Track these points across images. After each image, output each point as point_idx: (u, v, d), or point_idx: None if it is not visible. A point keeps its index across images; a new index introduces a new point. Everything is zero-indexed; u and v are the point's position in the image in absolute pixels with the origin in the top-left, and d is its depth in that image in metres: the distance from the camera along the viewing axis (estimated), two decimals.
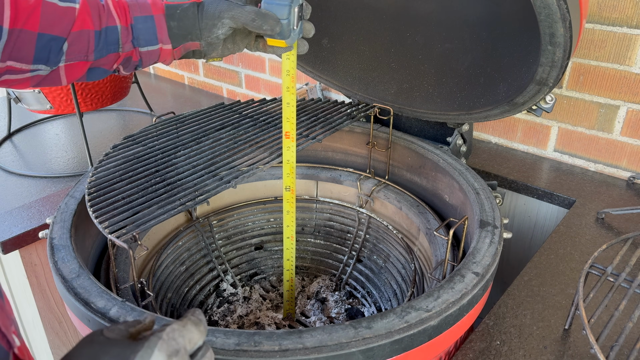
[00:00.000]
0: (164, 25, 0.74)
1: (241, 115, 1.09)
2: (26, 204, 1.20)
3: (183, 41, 0.75)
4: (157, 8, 0.74)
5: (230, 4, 0.73)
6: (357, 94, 1.22)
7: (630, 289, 0.76)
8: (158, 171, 0.88)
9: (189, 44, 0.76)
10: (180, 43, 0.75)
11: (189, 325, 0.44)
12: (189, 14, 0.74)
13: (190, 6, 0.74)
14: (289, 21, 0.74)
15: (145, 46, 0.74)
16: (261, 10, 0.73)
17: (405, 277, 1.10)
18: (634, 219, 1.07)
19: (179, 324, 0.44)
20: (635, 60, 1.13)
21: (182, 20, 0.74)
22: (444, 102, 1.09)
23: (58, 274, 0.75)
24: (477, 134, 1.45)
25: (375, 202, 1.20)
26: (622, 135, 1.21)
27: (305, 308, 1.17)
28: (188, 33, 0.74)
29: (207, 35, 0.74)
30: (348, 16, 1.20)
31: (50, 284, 1.23)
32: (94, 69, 0.73)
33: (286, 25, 0.74)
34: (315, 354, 0.62)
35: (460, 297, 0.70)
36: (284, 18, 0.73)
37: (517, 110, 0.94)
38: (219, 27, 0.74)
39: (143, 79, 2.18)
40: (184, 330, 0.43)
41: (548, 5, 0.70)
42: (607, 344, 0.73)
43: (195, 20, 0.74)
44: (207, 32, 0.74)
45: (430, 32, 1.10)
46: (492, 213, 0.88)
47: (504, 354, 0.75)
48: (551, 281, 0.90)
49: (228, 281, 1.21)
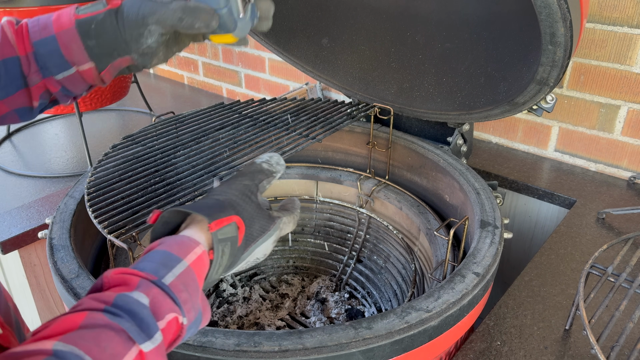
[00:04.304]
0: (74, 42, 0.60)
1: (241, 115, 1.09)
2: (25, 204, 1.19)
3: (110, 60, 0.62)
4: (60, 24, 0.61)
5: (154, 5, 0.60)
6: (357, 94, 1.22)
7: (630, 289, 0.76)
8: (157, 171, 0.87)
9: (118, 62, 0.63)
10: (107, 63, 0.62)
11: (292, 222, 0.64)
12: (107, 27, 0.60)
13: (106, 17, 0.60)
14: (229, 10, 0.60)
15: (59, 73, 0.62)
16: (189, 4, 0.59)
17: (405, 278, 1.10)
18: (635, 219, 1.06)
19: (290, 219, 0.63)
20: (636, 60, 1.13)
21: (100, 37, 0.61)
22: (445, 101, 1.09)
23: (57, 274, 0.75)
24: (478, 133, 1.45)
25: (376, 202, 1.20)
26: (623, 135, 1.21)
27: (305, 308, 1.16)
28: (112, 50, 0.62)
29: (136, 48, 0.61)
30: (348, 16, 1.20)
31: (49, 284, 1.23)
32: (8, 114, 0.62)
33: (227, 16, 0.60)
34: (315, 355, 0.62)
35: (461, 297, 0.70)
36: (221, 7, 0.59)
37: (518, 110, 0.94)
38: (146, 36, 0.61)
39: (142, 78, 2.18)
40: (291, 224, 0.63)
41: (548, 4, 0.70)
42: (607, 344, 0.73)
43: (117, 32, 0.60)
44: (134, 43, 0.61)
45: (431, 32, 1.10)
46: (492, 213, 0.88)
47: (504, 354, 0.75)
48: (552, 281, 0.89)
49: (228, 281, 1.21)
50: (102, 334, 0.39)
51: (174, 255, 0.49)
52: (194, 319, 0.49)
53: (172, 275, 0.47)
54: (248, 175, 0.62)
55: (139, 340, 0.41)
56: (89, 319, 0.40)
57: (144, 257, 0.49)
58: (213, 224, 0.52)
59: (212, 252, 0.52)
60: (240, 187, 0.59)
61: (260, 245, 0.59)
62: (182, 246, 0.50)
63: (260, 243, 0.58)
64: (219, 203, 0.56)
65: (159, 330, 0.43)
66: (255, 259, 0.60)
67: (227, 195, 0.57)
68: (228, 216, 0.54)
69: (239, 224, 0.55)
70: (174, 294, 0.46)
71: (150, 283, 0.45)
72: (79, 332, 0.39)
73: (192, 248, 0.51)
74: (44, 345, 0.37)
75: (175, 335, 0.46)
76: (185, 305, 0.47)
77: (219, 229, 0.52)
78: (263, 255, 0.60)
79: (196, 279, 0.50)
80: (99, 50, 0.61)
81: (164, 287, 0.46)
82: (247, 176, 0.62)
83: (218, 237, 0.52)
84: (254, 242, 0.57)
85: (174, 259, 0.49)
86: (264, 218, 0.59)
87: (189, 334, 0.49)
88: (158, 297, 0.45)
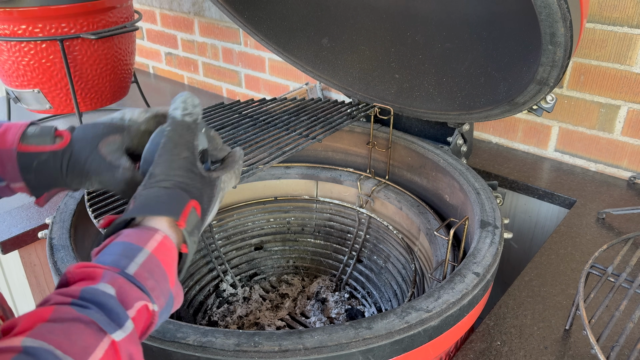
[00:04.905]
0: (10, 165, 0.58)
1: (241, 115, 1.09)
2: (25, 204, 1.19)
3: (45, 191, 0.61)
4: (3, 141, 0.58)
5: (101, 164, 0.58)
6: (357, 94, 1.22)
7: (630, 289, 0.76)
8: None
9: (55, 191, 0.62)
10: (43, 192, 0.61)
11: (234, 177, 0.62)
12: (49, 168, 0.59)
13: (50, 158, 0.58)
14: None
15: None
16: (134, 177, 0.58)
17: (405, 278, 1.10)
18: (635, 219, 1.06)
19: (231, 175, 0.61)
20: (636, 60, 1.13)
21: (40, 174, 0.59)
22: (445, 101, 1.09)
23: (57, 274, 0.75)
24: (478, 133, 1.45)
25: (376, 202, 1.20)
26: (623, 135, 1.21)
27: (305, 308, 1.16)
28: (50, 185, 0.60)
29: (75, 187, 0.61)
30: (348, 16, 1.20)
31: (49, 284, 1.23)
32: None
33: None
34: (315, 355, 0.61)
35: (461, 297, 0.70)
36: None
37: (518, 110, 0.94)
38: (87, 185, 0.60)
39: (143, 78, 2.18)
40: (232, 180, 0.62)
41: (549, 4, 0.70)
42: (607, 344, 0.73)
43: (58, 174, 0.59)
44: (75, 184, 0.60)
45: (431, 32, 1.10)
46: (492, 213, 0.88)
47: (504, 354, 0.75)
48: (552, 281, 0.89)
49: (228, 281, 1.21)
50: (71, 327, 0.39)
51: (134, 244, 0.48)
52: (165, 305, 0.49)
53: (135, 265, 0.46)
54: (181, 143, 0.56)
55: (109, 330, 0.41)
56: (57, 313, 0.40)
57: (104, 250, 0.48)
58: (180, 220, 0.51)
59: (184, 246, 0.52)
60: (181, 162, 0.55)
61: (211, 213, 0.58)
62: (141, 235, 0.49)
63: (210, 211, 0.57)
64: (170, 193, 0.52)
65: (130, 319, 0.43)
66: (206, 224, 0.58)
67: (173, 179, 0.53)
68: (186, 204, 0.52)
69: (196, 206, 0.54)
70: (139, 283, 0.45)
71: (114, 274, 0.45)
72: (47, 326, 0.38)
73: (151, 235, 0.49)
74: (13, 342, 0.36)
75: (148, 322, 0.46)
76: (153, 292, 0.47)
77: (186, 222, 0.52)
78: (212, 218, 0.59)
79: (161, 264, 0.49)
80: (36, 183, 0.60)
81: (129, 277, 0.45)
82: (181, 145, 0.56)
83: (188, 231, 0.52)
84: (206, 214, 0.56)
85: (134, 249, 0.48)
86: (208, 186, 0.57)
87: (161, 319, 0.49)
88: (124, 286, 0.44)
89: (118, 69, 1.43)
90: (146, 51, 2.25)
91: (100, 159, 0.58)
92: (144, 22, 2.16)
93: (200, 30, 1.95)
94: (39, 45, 1.27)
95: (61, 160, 0.58)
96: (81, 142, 0.59)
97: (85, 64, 1.33)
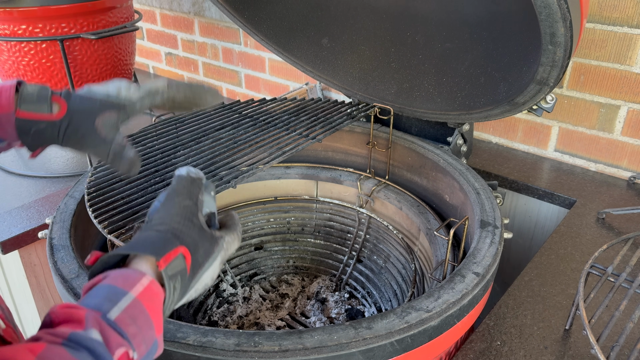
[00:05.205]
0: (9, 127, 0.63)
1: (241, 115, 1.09)
2: (25, 204, 1.19)
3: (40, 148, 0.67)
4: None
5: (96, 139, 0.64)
6: (357, 94, 1.22)
7: (630, 289, 0.76)
8: (158, 171, 0.87)
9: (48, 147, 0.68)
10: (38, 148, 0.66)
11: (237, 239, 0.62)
12: (47, 136, 0.64)
13: (48, 127, 0.63)
14: None
15: None
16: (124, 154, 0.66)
17: (405, 278, 1.10)
18: (635, 219, 1.06)
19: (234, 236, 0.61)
20: (636, 60, 1.13)
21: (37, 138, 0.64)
22: (444, 101, 1.09)
23: (58, 274, 0.75)
24: (478, 133, 1.45)
25: (376, 202, 1.20)
26: (623, 135, 1.21)
27: (305, 308, 1.16)
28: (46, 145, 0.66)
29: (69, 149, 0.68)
30: (348, 16, 1.20)
31: (49, 284, 1.23)
32: None
33: None
34: (315, 355, 0.62)
35: (461, 297, 0.70)
36: None
37: (518, 110, 0.94)
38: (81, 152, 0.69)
39: (143, 78, 2.18)
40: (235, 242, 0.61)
41: (548, 4, 0.70)
42: (607, 344, 0.73)
43: (55, 140, 0.65)
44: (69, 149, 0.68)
45: (431, 32, 1.10)
46: (492, 213, 0.88)
47: (504, 354, 0.75)
48: (552, 281, 0.89)
49: (228, 281, 1.21)
50: None
51: (119, 288, 0.47)
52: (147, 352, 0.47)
53: (118, 309, 0.45)
54: (184, 193, 0.58)
55: None
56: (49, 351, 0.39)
57: (89, 293, 0.47)
58: (161, 260, 0.50)
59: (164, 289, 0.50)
60: (180, 210, 0.56)
61: (208, 270, 0.56)
62: (128, 278, 0.48)
63: (207, 268, 0.56)
64: (161, 235, 0.53)
65: None
66: (204, 284, 0.57)
67: (169, 224, 0.54)
68: (174, 248, 0.51)
69: (185, 254, 0.52)
70: (120, 329, 0.44)
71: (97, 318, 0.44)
72: None
73: (137, 279, 0.48)
74: None
75: None
76: (135, 339, 0.45)
77: (168, 264, 0.50)
78: (211, 279, 0.57)
79: (146, 310, 0.47)
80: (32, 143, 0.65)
81: (110, 322, 0.44)
82: (184, 194, 0.58)
83: (168, 274, 0.50)
84: (200, 268, 0.55)
85: (119, 292, 0.46)
86: (207, 240, 0.56)
87: None
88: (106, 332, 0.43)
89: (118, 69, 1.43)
90: (146, 51, 2.25)
91: (95, 134, 0.64)
92: (144, 22, 2.16)
93: (200, 30, 1.95)
94: (39, 46, 1.27)
95: (58, 129, 0.63)
96: (78, 115, 0.63)
97: (86, 64, 1.33)
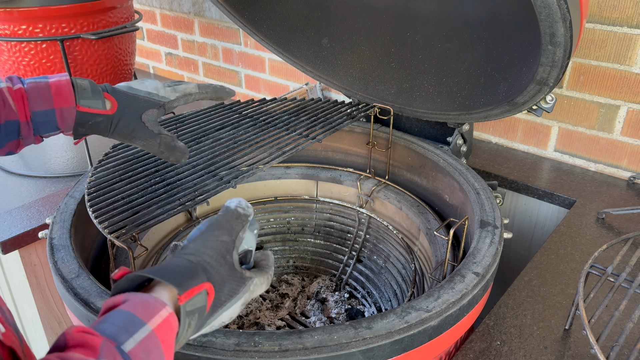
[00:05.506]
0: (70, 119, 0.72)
1: (241, 115, 1.09)
2: (26, 204, 1.19)
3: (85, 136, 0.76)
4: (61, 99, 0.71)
5: (144, 131, 0.75)
6: (357, 94, 1.22)
7: (630, 289, 0.76)
8: (158, 171, 0.88)
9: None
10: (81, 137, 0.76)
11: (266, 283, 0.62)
12: (101, 129, 0.74)
13: (104, 121, 0.73)
14: None
15: (46, 133, 0.74)
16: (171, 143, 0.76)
17: (405, 277, 1.10)
18: (635, 219, 1.07)
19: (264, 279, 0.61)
20: (636, 60, 1.13)
21: (91, 130, 0.74)
22: (444, 101, 1.09)
23: (58, 274, 0.75)
24: (478, 134, 1.45)
25: (376, 202, 1.20)
26: (623, 135, 1.21)
27: (305, 308, 1.16)
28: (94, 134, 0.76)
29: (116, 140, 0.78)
30: (348, 16, 1.20)
31: (50, 284, 1.23)
32: None
33: None
34: (315, 354, 0.62)
35: (461, 297, 0.70)
36: None
37: (518, 110, 0.94)
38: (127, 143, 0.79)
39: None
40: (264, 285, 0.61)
41: (548, 4, 0.70)
42: (607, 344, 0.73)
43: (106, 132, 0.75)
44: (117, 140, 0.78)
45: (431, 32, 1.10)
46: (492, 213, 0.88)
47: (504, 354, 0.75)
48: (551, 281, 0.89)
49: None
50: None
51: (138, 318, 0.46)
52: None
53: (134, 342, 0.45)
54: (225, 227, 0.58)
55: None
56: None
57: (106, 316, 0.47)
58: (183, 295, 0.49)
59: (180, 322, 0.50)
60: (216, 244, 0.56)
61: (228, 310, 0.56)
62: (148, 308, 0.47)
63: (228, 307, 0.55)
64: (190, 266, 0.52)
65: None
66: (220, 323, 0.56)
67: (201, 256, 0.54)
68: (199, 284, 0.51)
69: (209, 290, 0.52)
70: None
71: (112, 348, 0.43)
72: None
73: (157, 310, 0.47)
74: None
75: None
76: None
77: (188, 300, 0.50)
78: (229, 318, 0.57)
79: (160, 344, 0.46)
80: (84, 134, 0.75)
81: (124, 355, 0.43)
82: (225, 229, 0.58)
83: (186, 310, 0.50)
84: (222, 306, 0.54)
85: (137, 323, 0.46)
86: (234, 280, 0.56)
87: None
88: None
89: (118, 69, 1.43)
90: (146, 51, 2.25)
91: (145, 128, 0.75)
92: (144, 22, 2.16)
93: (200, 31, 1.95)
94: (39, 46, 1.27)
95: (111, 122, 0.74)
96: (128, 111, 0.74)
97: (86, 64, 1.33)
